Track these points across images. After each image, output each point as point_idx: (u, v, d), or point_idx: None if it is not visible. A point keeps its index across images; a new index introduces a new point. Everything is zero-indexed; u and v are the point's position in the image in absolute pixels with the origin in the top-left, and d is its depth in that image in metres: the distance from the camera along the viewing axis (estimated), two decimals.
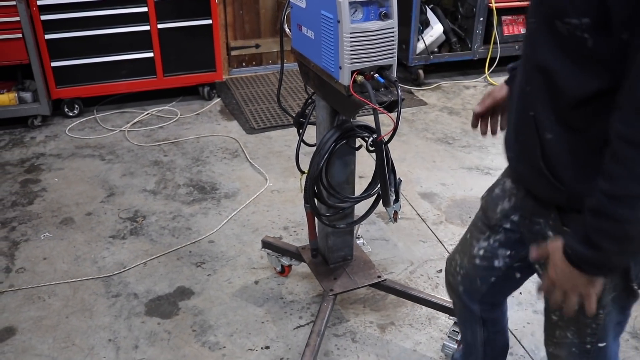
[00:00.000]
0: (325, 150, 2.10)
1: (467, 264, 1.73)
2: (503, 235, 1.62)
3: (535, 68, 1.26)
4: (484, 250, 1.67)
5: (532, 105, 1.29)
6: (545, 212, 1.40)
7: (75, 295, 2.65)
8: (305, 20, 2.06)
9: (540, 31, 1.23)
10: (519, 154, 1.41)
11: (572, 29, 1.13)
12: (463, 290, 1.79)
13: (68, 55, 4.21)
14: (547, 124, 1.26)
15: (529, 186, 1.43)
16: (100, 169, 3.71)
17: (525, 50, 1.33)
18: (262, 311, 2.57)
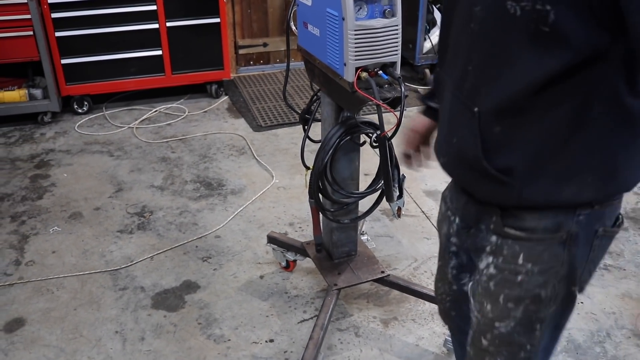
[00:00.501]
0: (329, 146, 2.13)
1: (449, 290, 1.64)
2: (455, 261, 1.54)
3: (484, 59, 1.16)
4: (451, 276, 1.59)
5: (475, 101, 1.18)
6: (486, 217, 1.31)
7: (83, 288, 2.70)
8: (311, 18, 2.09)
9: (490, 18, 1.11)
10: (455, 158, 1.30)
11: (529, 5, 1.03)
12: (456, 315, 1.70)
13: (78, 52, 4.27)
14: (495, 117, 1.16)
15: (470, 188, 1.33)
16: (109, 164, 3.75)
17: (463, 43, 1.21)
18: (267, 305, 2.61)
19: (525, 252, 1.23)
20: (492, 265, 1.29)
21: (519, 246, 1.24)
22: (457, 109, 1.24)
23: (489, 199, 1.27)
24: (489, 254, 1.30)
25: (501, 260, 1.27)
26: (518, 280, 1.25)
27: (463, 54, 1.21)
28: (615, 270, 2.82)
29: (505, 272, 1.27)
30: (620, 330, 2.48)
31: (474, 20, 1.14)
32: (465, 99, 1.20)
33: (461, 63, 1.21)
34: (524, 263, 1.24)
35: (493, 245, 1.29)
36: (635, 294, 2.67)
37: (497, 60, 1.13)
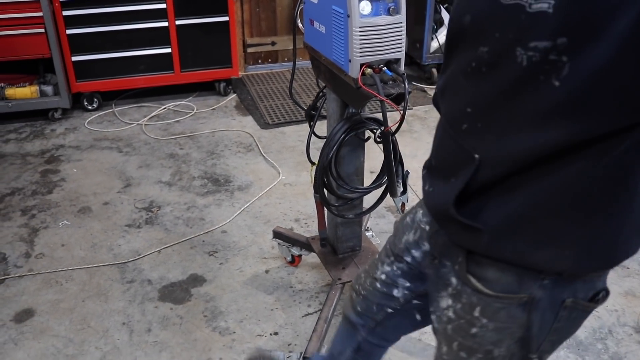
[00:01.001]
0: (335, 141, 2.16)
1: (368, 286, 1.57)
2: (405, 266, 1.47)
3: (487, 107, 1.05)
4: (385, 275, 1.52)
5: (476, 147, 1.07)
6: (453, 255, 1.22)
7: (91, 280, 2.74)
8: (317, 16, 2.12)
9: (498, 64, 0.99)
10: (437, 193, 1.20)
11: (538, 55, 0.92)
12: (359, 312, 1.62)
13: (88, 50, 4.32)
14: (492, 169, 1.06)
15: (442, 225, 1.22)
16: (118, 160, 3.80)
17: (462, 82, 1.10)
18: (272, 299, 2.64)
19: (482, 306, 1.16)
20: (451, 309, 1.24)
21: (476, 298, 1.16)
22: (452, 147, 1.13)
23: (456, 241, 1.19)
24: (449, 296, 1.24)
25: (459, 307, 1.21)
26: (472, 332, 1.19)
27: (462, 92, 1.10)
28: (618, 268, 2.84)
29: (461, 320, 1.21)
30: (622, 328, 2.49)
31: (480, 62, 1.03)
32: (462, 141, 1.10)
33: (459, 102, 1.11)
34: (479, 317, 1.17)
35: (454, 288, 1.22)
36: (638, 292, 2.68)
37: (500, 113, 1.02)
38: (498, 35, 0.97)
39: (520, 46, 0.93)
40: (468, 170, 1.07)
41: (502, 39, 0.97)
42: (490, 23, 0.99)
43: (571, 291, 1.12)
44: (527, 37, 0.92)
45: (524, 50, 0.93)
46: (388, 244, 1.56)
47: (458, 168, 1.10)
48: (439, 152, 1.21)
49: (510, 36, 0.95)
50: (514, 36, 0.94)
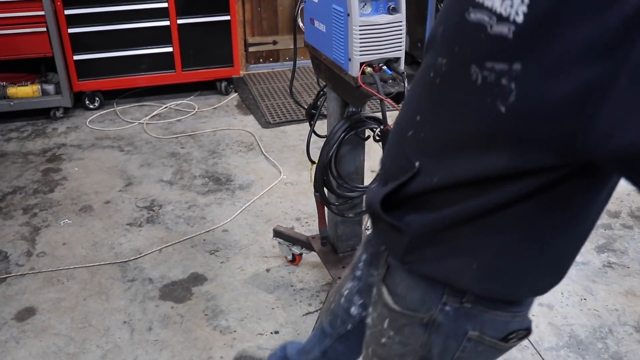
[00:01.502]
0: (335, 140, 2.17)
1: (336, 300, 1.57)
2: (356, 283, 1.47)
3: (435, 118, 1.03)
4: (347, 291, 1.51)
5: (418, 155, 1.06)
6: (378, 264, 1.24)
7: (92, 279, 2.75)
8: (317, 14, 2.13)
9: (452, 77, 0.98)
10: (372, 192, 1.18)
11: (493, 76, 0.88)
12: (328, 321, 1.62)
13: (90, 49, 4.33)
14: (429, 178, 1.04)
15: (373, 225, 1.22)
16: (119, 159, 3.81)
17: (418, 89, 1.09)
18: (273, 298, 2.65)
19: (390, 319, 1.19)
20: (370, 316, 1.27)
21: (386, 310, 1.19)
22: (396, 152, 1.14)
23: (381, 239, 1.20)
24: (372, 303, 1.27)
25: (375, 316, 1.24)
26: (382, 341, 1.22)
27: (415, 99, 1.10)
28: (619, 267, 2.84)
29: (374, 328, 1.24)
30: (622, 327, 2.49)
31: (437, 73, 1.01)
32: (406, 148, 1.09)
33: (411, 108, 1.10)
34: (387, 328, 1.20)
35: (374, 296, 1.25)
36: (638, 291, 2.68)
37: (445, 127, 1.01)
38: (457, 49, 0.96)
39: (476, 64, 0.90)
40: (405, 175, 1.07)
41: (460, 54, 0.95)
42: (454, 37, 0.98)
43: (476, 324, 1.11)
44: (484, 57, 0.89)
45: (480, 69, 0.89)
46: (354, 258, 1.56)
47: (398, 172, 1.10)
48: (386, 153, 1.21)
49: (468, 52, 0.93)
50: (471, 53, 0.92)
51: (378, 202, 1.11)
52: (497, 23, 0.87)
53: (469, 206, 1.00)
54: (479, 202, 0.99)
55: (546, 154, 0.88)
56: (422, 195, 1.06)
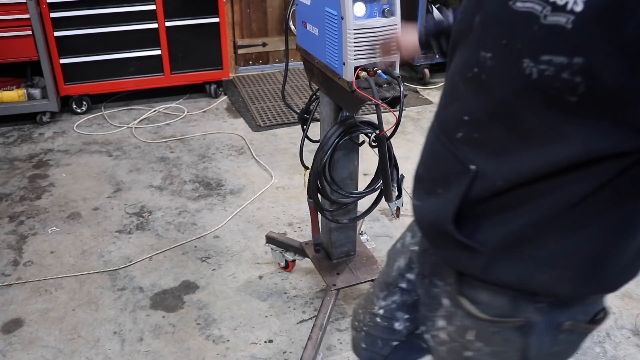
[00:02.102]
0: (328, 146, 2.12)
1: (369, 321, 1.50)
2: (399, 297, 1.40)
3: (486, 116, 0.97)
4: (383, 310, 1.44)
5: (472, 159, 1.00)
6: (444, 275, 1.18)
7: (81, 289, 2.69)
8: (309, 17, 2.08)
9: (501, 71, 0.92)
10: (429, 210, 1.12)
11: (550, 71, 0.84)
12: (364, 348, 1.56)
13: (77, 52, 4.25)
14: (492, 183, 0.98)
15: (434, 245, 1.16)
16: (108, 164, 3.74)
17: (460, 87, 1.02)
18: (266, 305, 2.60)
19: (477, 330, 1.12)
20: (444, 331, 1.19)
21: (470, 321, 1.12)
22: (444, 156, 1.06)
23: (448, 261, 1.13)
24: (442, 317, 1.20)
25: (453, 330, 1.17)
26: (466, 355, 1.15)
27: (459, 98, 1.03)
28: None
29: (455, 343, 1.17)
30: (620, 331, 2.47)
31: (480, 67, 0.95)
32: (457, 151, 1.03)
33: (455, 108, 1.04)
34: (474, 340, 1.13)
35: (446, 309, 1.18)
36: (635, 294, 2.66)
37: (501, 125, 0.95)
38: (505, 42, 0.89)
39: (530, 58, 0.85)
40: (462, 182, 1.00)
41: (508, 47, 0.89)
42: (499, 28, 0.91)
43: (570, 314, 1.08)
44: (539, 50, 0.84)
45: (534, 62, 0.85)
46: (381, 276, 1.50)
47: (450, 179, 1.04)
48: (429, 160, 1.14)
49: (519, 45, 0.87)
50: (522, 46, 0.86)
51: (450, 221, 1.03)
52: (552, 13, 0.82)
53: (547, 205, 0.95)
54: (557, 198, 0.94)
55: (622, 136, 0.86)
56: (488, 202, 1.00)
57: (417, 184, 1.18)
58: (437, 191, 1.07)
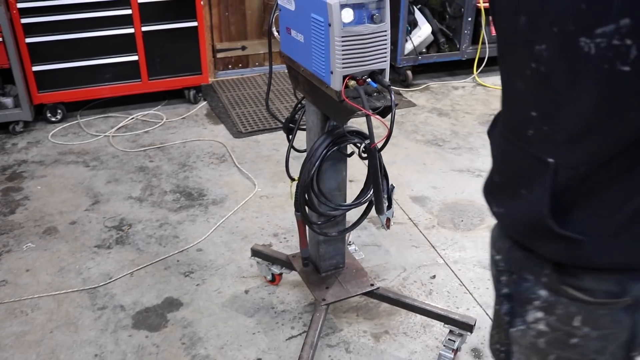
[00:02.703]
0: (316, 158, 2.04)
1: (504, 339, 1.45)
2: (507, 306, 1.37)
3: (555, 105, 1.00)
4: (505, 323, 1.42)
5: (548, 151, 1.03)
6: (536, 268, 1.17)
7: (59, 309, 2.57)
8: (294, 24, 1.99)
9: (558, 58, 0.96)
10: (517, 211, 1.14)
11: (604, 41, 0.87)
12: None
13: (50, 59, 4.12)
14: (575, 171, 1.01)
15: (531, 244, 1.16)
16: (85, 175, 3.62)
17: (519, 86, 1.07)
18: (253, 322, 2.51)
19: (583, 314, 1.11)
20: (542, 322, 1.18)
21: (575, 307, 1.11)
22: (518, 157, 1.10)
23: (548, 255, 1.12)
24: (538, 308, 1.18)
25: (554, 319, 1.16)
26: (572, 342, 1.15)
27: (522, 97, 1.06)
28: None
29: (558, 332, 1.16)
30: None
31: (537, 61, 0.98)
32: (531, 148, 1.06)
33: (520, 108, 1.08)
34: (580, 326, 1.12)
35: (543, 300, 1.16)
36: None
37: (570, 110, 0.97)
38: (556, 29, 0.93)
39: (586, 35, 0.88)
40: (545, 178, 1.03)
41: (562, 32, 0.92)
42: (547, 19, 0.94)
43: None
44: (592, 25, 0.87)
45: (590, 39, 0.88)
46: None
47: (530, 178, 1.07)
48: (503, 165, 1.17)
49: (572, 28, 0.90)
50: (575, 27, 0.90)
51: (548, 217, 1.04)
52: None
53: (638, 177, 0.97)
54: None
55: None
56: (578, 189, 1.02)
57: (495, 192, 1.21)
58: (521, 193, 1.10)
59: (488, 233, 1.33)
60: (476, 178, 3.59)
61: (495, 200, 1.21)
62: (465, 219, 3.20)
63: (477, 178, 3.59)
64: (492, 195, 1.23)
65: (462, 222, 3.17)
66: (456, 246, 2.98)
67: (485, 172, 3.84)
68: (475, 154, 3.88)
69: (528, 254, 1.17)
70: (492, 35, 5.11)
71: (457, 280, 2.75)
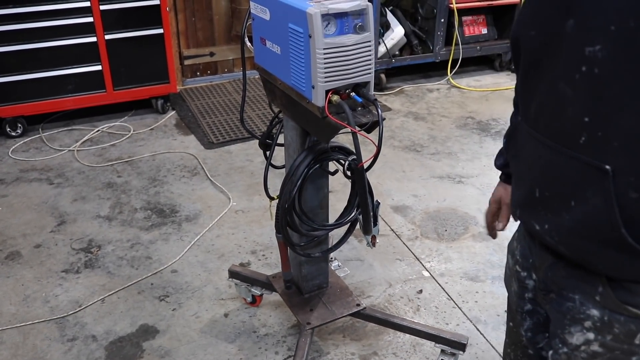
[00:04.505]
0: (297, 177, 1.92)
1: (522, 356, 1.47)
2: (530, 322, 1.38)
3: (612, 108, 0.97)
4: (526, 339, 1.41)
5: (605, 158, 0.99)
6: (585, 286, 1.13)
7: (25, 342, 2.40)
8: (269, 34, 1.87)
9: (616, 58, 0.94)
10: (573, 226, 1.08)
11: None
12: None
13: (8, 70, 3.92)
14: (636, 176, 0.98)
15: (587, 259, 1.11)
16: (49, 194, 3.43)
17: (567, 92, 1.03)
18: (235, 348, 2.37)
19: None
20: (595, 343, 1.13)
21: (635, 325, 1.07)
22: (569, 167, 1.05)
23: (611, 272, 1.08)
24: (588, 329, 1.14)
25: (610, 339, 1.11)
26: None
27: (570, 104, 1.02)
28: None
29: (616, 351, 1.11)
30: None
31: (589, 63, 0.96)
32: (583, 156, 1.02)
33: (568, 114, 1.03)
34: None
35: (597, 320, 1.12)
36: None
37: (630, 112, 0.95)
38: (614, 27, 0.92)
39: None
40: (603, 185, 0.99)
41: (620, 31, 0.91)
42: (602, 19, 0.93)
43: None
44: None
45: None
46: (508, 306, 1.47)
47: (581, 188, 1.03)
48: (545, 177, 1.12)
49: (632, 24, 0.90)
50: (636, 23, 0.89)
51: (622, 225, 0.99)
52: None
53: None
54: None
55: None
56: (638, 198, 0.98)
57: (535, 208, 1.16)
58: (570, 205, 1.06)
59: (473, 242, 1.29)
60: (457, 184, 3.51)
61: (535, 218, 1.16)
62: (449, 229, 3.10)
63: (458, 185, 3.51)
64: (532, 213, 1.17)
65: (445, 232, 3.08)
66: (441, 257, 2.89)
67: (466, 178, 3.73)
68: (454, 159, 3.80)
69: (575, 272, 1.14)
70: (465, 37, 5.06)
71: (444, 294, 2.65)
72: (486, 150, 3.94)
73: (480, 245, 2.95)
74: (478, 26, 5.12)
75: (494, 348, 2.37)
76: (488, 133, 4.21)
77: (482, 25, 5.14)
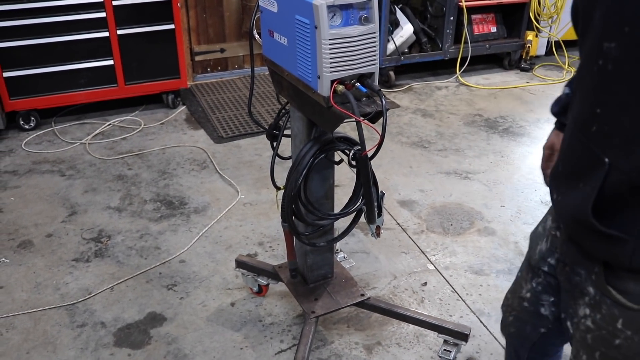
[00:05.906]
0: (303, 166, 1.95)
1: (517, 306, 1.53)
2: (543, 279, 1.42)
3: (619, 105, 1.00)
4: (530, 293, 1.47)
5: (606, 150, 1.02)
6: (588, 264, 1.18)
7: (36, 327, 2.45)
8: (277, 26, 1.90)
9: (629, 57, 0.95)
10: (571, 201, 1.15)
11: None
12: (514, 332, 1.59)
13: (22, 64, 3.98)
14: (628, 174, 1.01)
15: (576, 238, 1.19)
16: (60, 185, 3.49)
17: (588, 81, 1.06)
18: (240, 336, 2.41)
19: (625, 318, 1.11)
20: (589, 319, 1.19)
21: (618, 310, 1.12)
22: (581, 151, 1.10)
23: (593, 252, 1.14)
24: (587, 305, 1.19)
25: (599, 318, 1.16)
26: (616, 343, 1.15)
27: (588, 93, 1.06)
28: None
29: (602, 331, 1.16)
30: None
31: (606, 58, 0.98)
32: (591, 144, 1.06)
33: (587, 103, 1.07)
34: (622, 329, 1.12)
35: (592, 297, 1.18)
36: None
37: (631, 115, 0.97)
38: (628, 29, 0.92)
39: None
40: (598, 175, 1.03)
41: (632, 34, 0.92)
42: (619, 17, 0.94)
43: None
44: None
45: None
46: (525, 259, 1.51)
47: (587, 173, 1.07)
48: (567, 156, 1.17)
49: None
50: None
51: (589, 214, 1.05)
52: None
53: None
54: None
55: None
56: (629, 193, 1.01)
57: (557, 180, 1.21)
58: (579, 185, 1.10)
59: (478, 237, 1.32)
60: (463, 180, 3.53)
61: (556, 188, 1.22)
62: (455, 223, 3.13)
63: (465, 180, 3.53)
64: (555, 184, 1.23)
65: (451, 227, 3.10)
66: (446, 251, 2.92)
67: (473, 174, 3.76)
68: (461, 156, 3.82)
69: (580, 249, 1.18)
70: (474, 35, 5.07)
71: (449, 287, 2.68)
72: (493, 147, 3.96)
73: (486, 240, 2.97)
74: (487, 24, 5.13)
75: (496, 340, 2.39)
76: (496, 130, 4.22)
77: (492, 23, 5.16)
